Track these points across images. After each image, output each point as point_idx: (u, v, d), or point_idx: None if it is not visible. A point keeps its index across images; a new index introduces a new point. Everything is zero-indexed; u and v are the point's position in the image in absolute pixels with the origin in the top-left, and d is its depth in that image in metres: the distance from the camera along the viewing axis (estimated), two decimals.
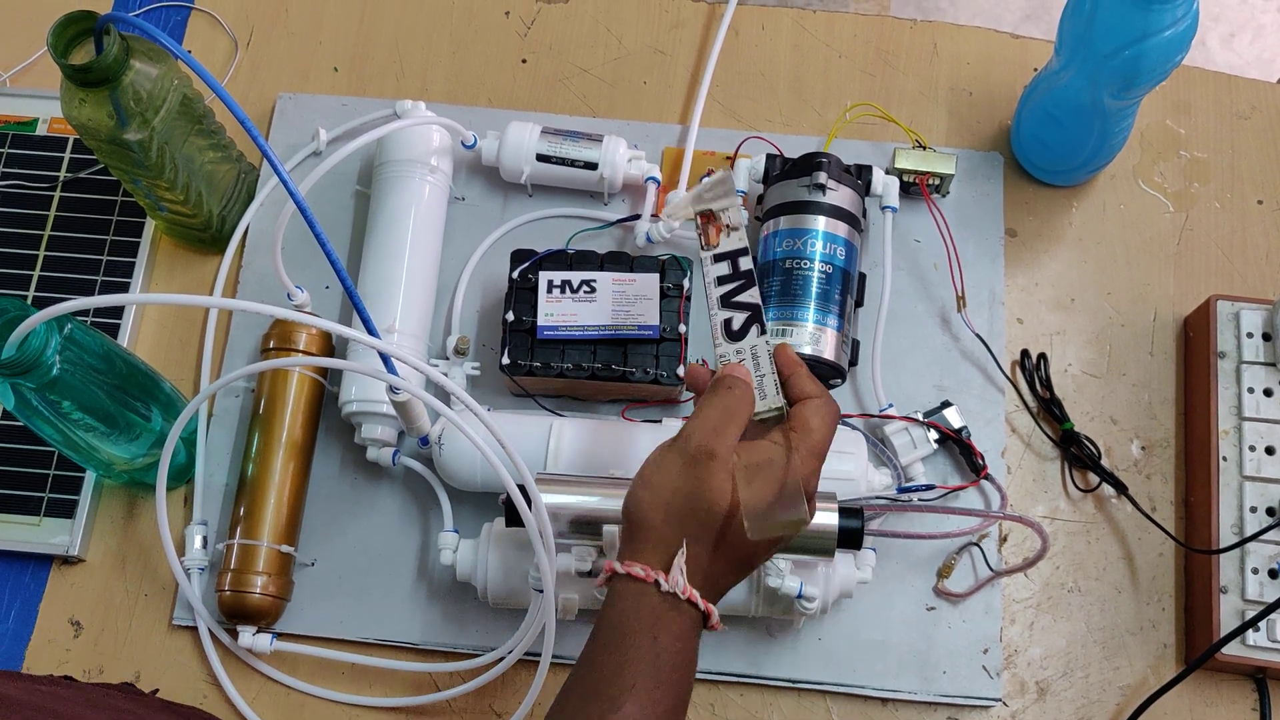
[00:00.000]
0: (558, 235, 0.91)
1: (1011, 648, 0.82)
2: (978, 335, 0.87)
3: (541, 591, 0.73)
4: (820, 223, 0.83)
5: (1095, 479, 0.85)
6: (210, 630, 0.82)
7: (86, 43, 0.75)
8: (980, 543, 0.83)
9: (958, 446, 0.84)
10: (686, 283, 0.83)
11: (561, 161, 0.89)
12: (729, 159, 0.91)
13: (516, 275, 0.84)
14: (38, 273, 0.91)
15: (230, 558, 0.80)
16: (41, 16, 0.76)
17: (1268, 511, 0.80)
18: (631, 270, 0.83)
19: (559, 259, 0.84)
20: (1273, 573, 0.79)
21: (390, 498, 0.86)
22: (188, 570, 0.82)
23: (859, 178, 0.86)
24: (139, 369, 0.79)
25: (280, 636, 0.82)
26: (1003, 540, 0.84)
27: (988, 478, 0.84)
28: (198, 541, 0.83)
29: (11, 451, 0.86)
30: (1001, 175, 0.93)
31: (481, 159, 0.91)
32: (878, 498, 0.80)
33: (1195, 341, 0.87)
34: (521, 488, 0.70)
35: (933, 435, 0.83)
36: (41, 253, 0.91)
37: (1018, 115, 0.93)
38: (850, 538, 0.72)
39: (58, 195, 0.93)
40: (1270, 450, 0.81)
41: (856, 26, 0.99)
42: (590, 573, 0.73)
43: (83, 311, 0.88)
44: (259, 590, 0.79)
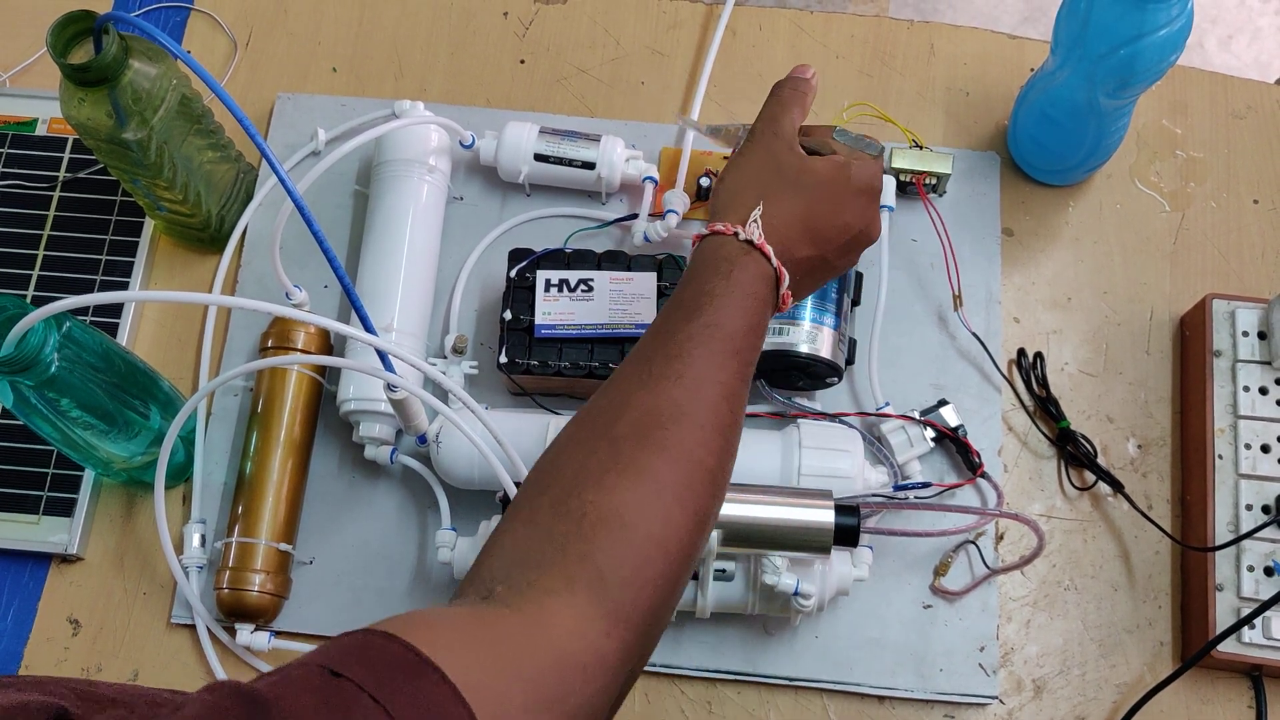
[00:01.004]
0: (555, 234, 0.91)
1: (1008, 645, 0.82)
2: (974, 334, 0.87)
3: None
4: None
5: (1091, 477, 0.85)
6: (209, 628, 0.82)
7: (86, 42, 0.75)
8: (977, 541, 0.83)
9: (954, 445, 0.84)
10: None
11: (559, 161, 0.89)
12: (726, 159, 0.91)
13: (514, 274, 0.84)
14: (37, 272, 0.91)
15: (228, 556, 0.80)
16: (41, 17, 0.76)
17: (1263, 509, 0.80)
18: (629, 269, 0.84)
19: (556, 258, 0.84)
20: (1268, 570, 0.79)
21: (388, 496, 0.86)
22: (186, 568, 0.82)
23: None
24: (138, 367, 0.79)
25: (278, 634, 0.82)
26: (999, 538, 0.84)
27: (984, 476, 0.84)
28: (196, 540, 0.83)
29: (10, 450, 0.86)
30: (998, 175, 0.93)
31: (479, 159, 0.91)
32: (874, 495, 0.80)
33: (1191, 340, 0.87)
34: (519, 485, 0.70)
35: (929, 433, 0.83)
36: (41, 252, 0.92)
37: (1014, 115, 0.93)
38: (846, 535, 0.72)
39: (57, 195, 0.93)
40: (1266, 448, 0.82)
41: (854, 27, 0.99)
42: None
43: (82, 310, 0.88)
44: (257, 588, 0.80)
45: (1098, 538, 0.85)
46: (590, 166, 0.89)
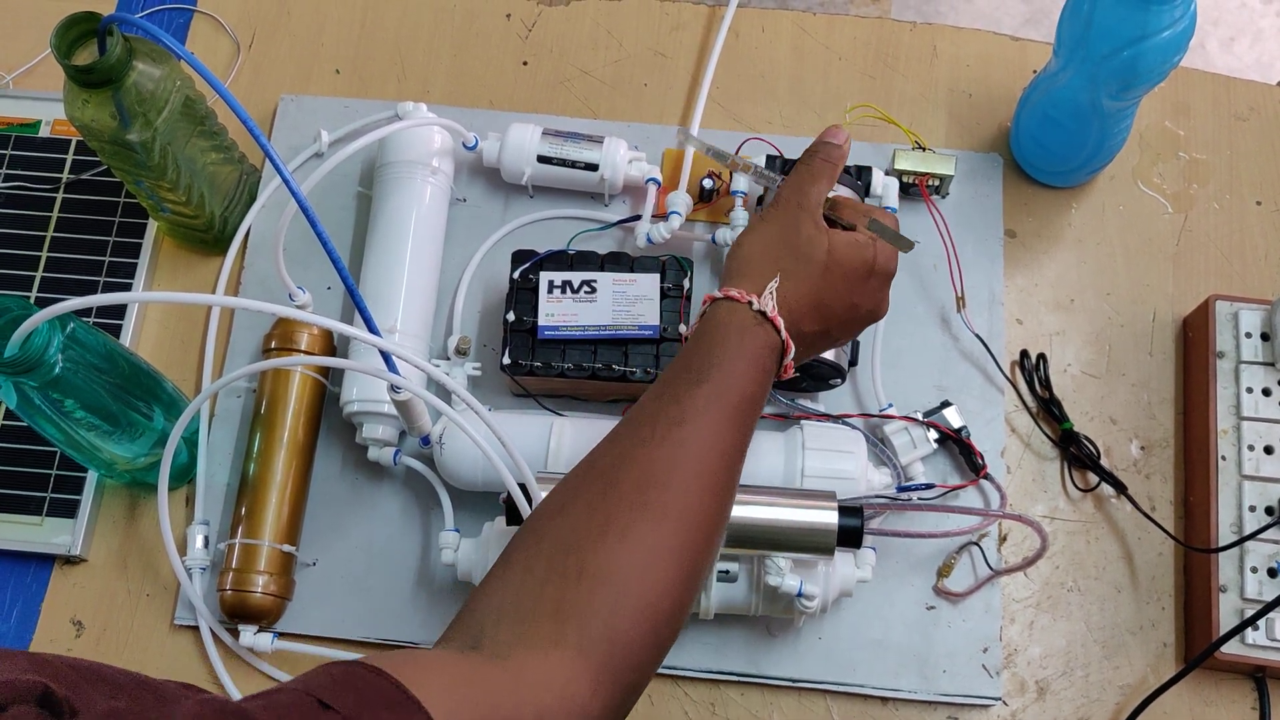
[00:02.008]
0: (559, 236, 0.92)
1: (1011, 647, 0.82)
2: (977, 335, 0.87)
3: None
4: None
5: (1094, 478, 0.85)
6: (212, 630, 0.82)
7: (90, 44, 0.75)
8: (980, 542, 0.83)
9: (957, 446, 0.84)
10: (687, 283, 0.83)
11: (562, 163, 0.89)
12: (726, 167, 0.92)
13: (517, 276, 0.84)
14: (40, 273, 0.91)
15: (232, 557, 0.80)
16: (45, 18, 0.77)
17: (1266, 510, 0.80)
18: (632, 271, 0.84)
19: (560, 259, 0.84)
20: (1272, 571, 0.79)
21: (391, 497, 0.86)
22: (189, 570, 0.83)
23: (859, 179, 0.86)
24: (141, 368, 0.79)
25: (281, 636, 0.82)
26: (1002, 540, 0.84)
27: (987, 477, 0.84)
28: (199, 541, 0.83)
29: (13, 451, 0.86)
30: (1001, 176, 0.93)
31: (483, 160, 0.91)
32: (877, 497, 0.80)
33: (1194, 341, 0.87)
34: (523, 487, 0.70)
35: (932, 435, 0.83)
36: (44, 253, 0.92)
37: (1017, 117, 0.93)
38: (850, 536, 0.72)
39: (60, 196, 0.93)
40: (1269, 449, 0.82)
41: (857, 29, 0.99)
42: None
43: (85, 311, 0.88)
44: (260, 590, 0.80)
45: (1101, 539, 0.85)
46: (593, 168, 0.89)
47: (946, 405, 0.85)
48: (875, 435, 0.84)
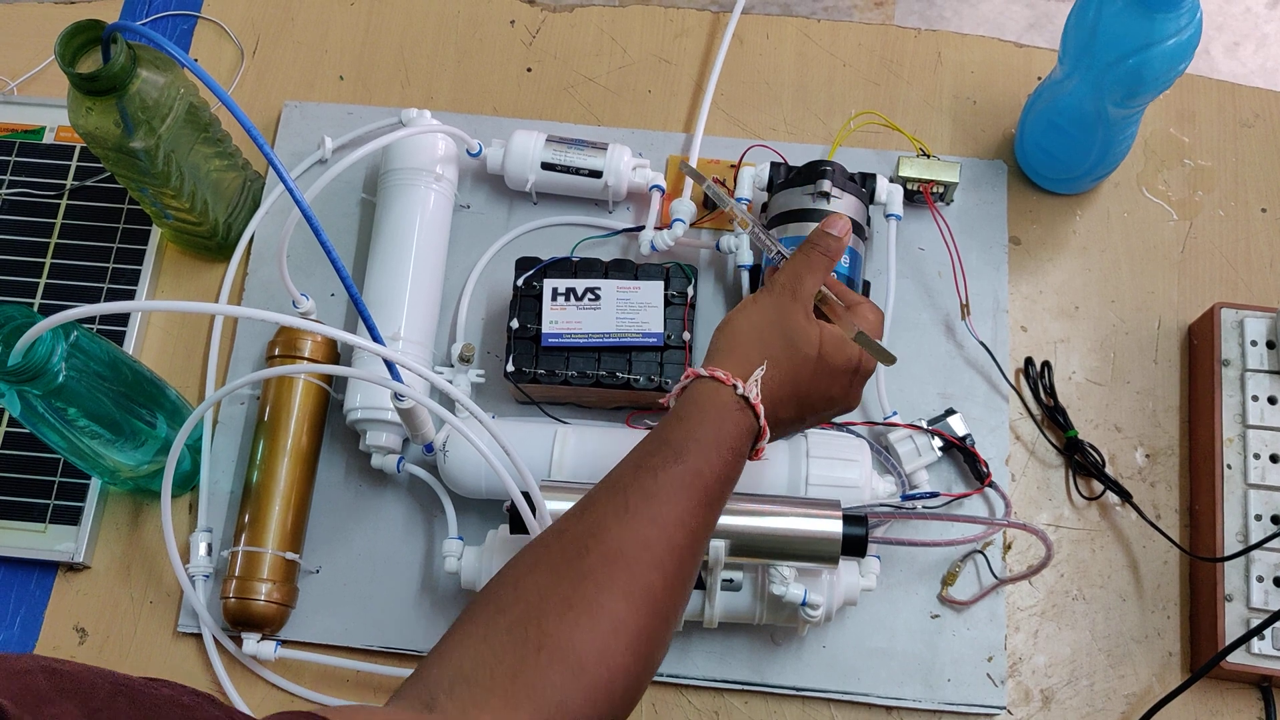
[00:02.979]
0: (562, 243, 0.91)
1: (1016, 656, 0.82)
2: (982, 343, 0.87)
3: None
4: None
5: (1099, 487, 0.85)
6: (215, 637, 0.82)
7: (94, 51, 0.75)
8: (984, 550, 0.83)
9: (962, 454, 0.84)
10: (690, 290, 0.83)
11: (566, 170, 0.89)
12: (733, 167, 0.91)
13: (521, 283, 0.84)
14: (44, 280, 0.91)
15: (235, 565, 0.80)
16: (49, 26, 0.77)
17: (1272, 519, 0.80)
18: (636, 278, 0.83)
19: (563, 267, 0.84)
20: (1278, 581, 0.79)
21: (395, 505, 0.86)
22: (192, 577, 0.82)
23: (863, 186, 0.86)
24: (145, 376, 0.79)
25: (285, 644, 0.82)
26: (1007, 548, 0.84)
27: (992, 485, 0.84)
28: (202, 548, 0.83)
29: (17, 459, 0.86)
30: (1005, 183, 0.93)
31: (486, 167, 0.91)
32: (882, 505, 0.80)
33: (1199, 349, 0.87)
34: (526, 495, 0.70)
35: (937, 443, 0.83)
36: (48, 260, 0.92)
37: (1022, 124, 0.93)
38: (854, 545, 0.72)
39: (64, 203, 0.93)
40: (1275, 458, 0.81)
41: (861, 35, 0.99)
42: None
43: (89, 319, 0.88)
44: (264, 597, 0.80)
45: (1106, 547, 0.85)
46: (597, 175, 0.89)
47: (951, 413, 0.84)
48: (880, 443, 0.84)
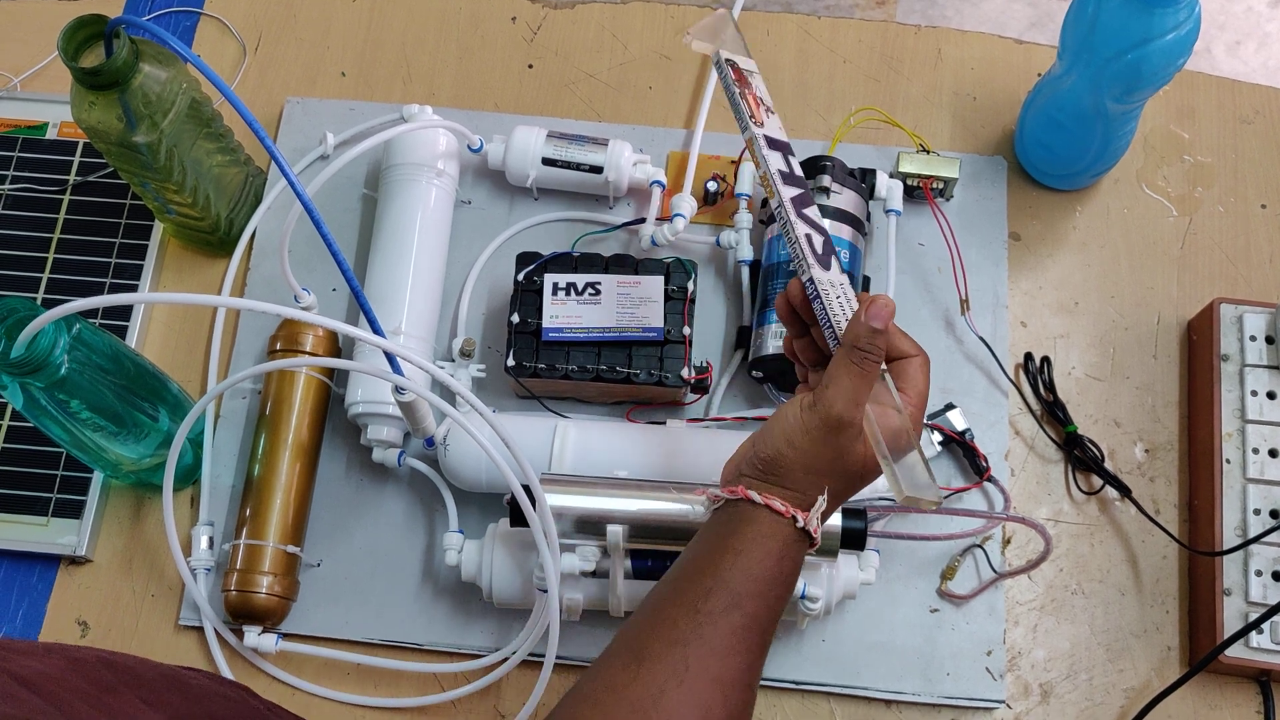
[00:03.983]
0: (563, 238, 0.92)
1: (1015, 650, 0.82)
2: (981, 338, 0.87)
3: (546, 592, 0.73)
4: (824, 226, 0.83)
5: (1098, 481, 0.85)
6: (216, 630, 0.83)
7: (96, 46, 0.75)
8: (983, 545, 0.83)
9: (961, 449, 0.84)
10: (691, 285, 0.83)
11: (567, 165, 0.90)
12: (734, 163, 0.92)
13: (522, 278, 0.84)
14: (47, 274, 0.91)
15: (236, 558, 0.81)
16: (52, 21, 0.77)
17: (1271, 514, 0.80)
18: (636, 273, 0.84)
19: (564, 262, 0.85)
20: (1276, 575, 0.79)
21: (396, 499, 0.86)
22: (194, 570, 0.83)
23: (863, 181, 0.86)
24: (147, 370, 0.79)
25: (286, 637, 0.82)
26: (1006, 542, 0.84)
27: (991, 480, 0.84)
28: (204, 542, 0.84)
29: (19, 452, 0.86)
30: (1005, 179, 0.93)
31: (488, 163, 0.92)
32: (881, 499, 0.80)
33: (1198, 345, 0.87)
34: (526, 488, 0.70)
35: (936, 437, 0.83)
36: (51, 255, 0.92)
37: (1021, 119, 0.93)
38: (854, 539, 0.72)
39: (67, 198, 0.94)
40: (1273, 453, 0.82)
41: (861, 32, 0.99)
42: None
43: (91, 312, 0.88)
44: (265, 590, 0.80)
45: (1105, 542, 0.85)
46: (598, 170, 0.89)
47: (951, 408, 0.85)
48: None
